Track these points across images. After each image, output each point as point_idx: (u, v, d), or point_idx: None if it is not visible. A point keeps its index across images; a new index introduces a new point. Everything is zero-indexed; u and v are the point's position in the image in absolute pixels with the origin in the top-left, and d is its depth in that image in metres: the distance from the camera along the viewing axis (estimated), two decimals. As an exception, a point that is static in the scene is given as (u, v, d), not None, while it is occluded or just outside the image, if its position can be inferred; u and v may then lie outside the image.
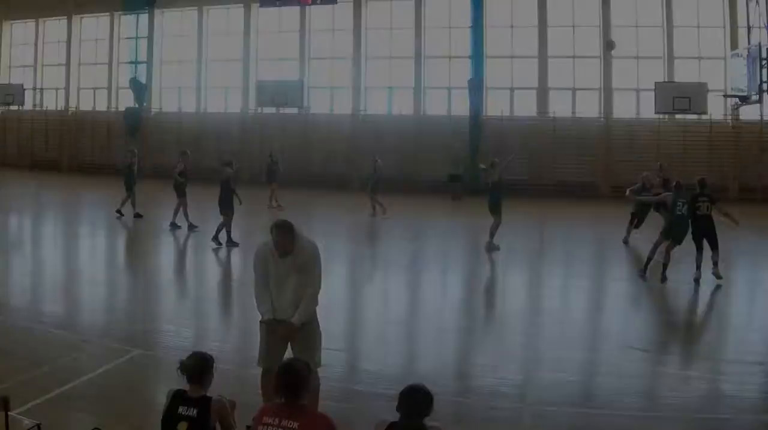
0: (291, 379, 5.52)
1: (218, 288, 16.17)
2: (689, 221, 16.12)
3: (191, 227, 22.13)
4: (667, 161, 25.18)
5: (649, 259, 16.48)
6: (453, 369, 10.49)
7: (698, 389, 9.71)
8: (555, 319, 13.50)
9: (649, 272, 16.31)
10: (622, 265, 19.33)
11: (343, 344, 11.14)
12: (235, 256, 19.02)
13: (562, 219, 27.18)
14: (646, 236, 18.71)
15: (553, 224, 26.11)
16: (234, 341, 8.68)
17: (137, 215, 24.41)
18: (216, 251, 19.17)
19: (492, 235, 19.64)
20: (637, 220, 21.16)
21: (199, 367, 5.98)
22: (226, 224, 19.65)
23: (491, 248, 19.54)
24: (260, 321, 7.79)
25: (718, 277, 16.00)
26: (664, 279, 15.89)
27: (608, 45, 33.63)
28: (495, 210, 19.81)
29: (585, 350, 11.53)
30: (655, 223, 19.44)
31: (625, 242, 21.03)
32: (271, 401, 6.32)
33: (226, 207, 19.78)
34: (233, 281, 16.77)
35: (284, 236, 7.45)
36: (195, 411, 5.79)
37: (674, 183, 17.17)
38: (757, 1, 28.37)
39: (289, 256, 7.52)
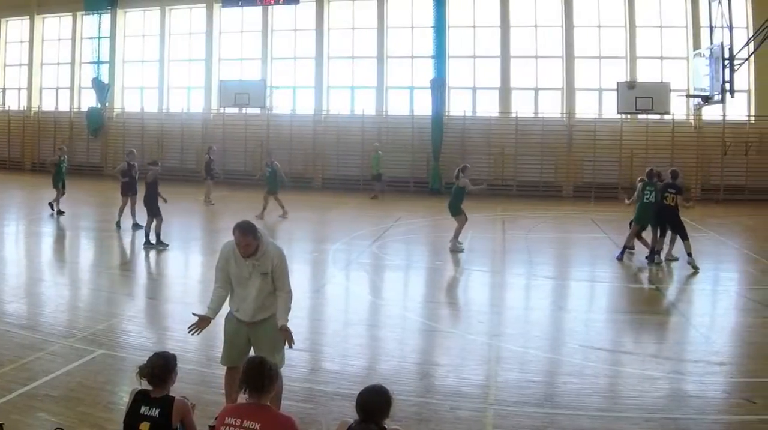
0: (258, 375, 5.43)
1: (179, 288, 15.51)
2: (655, 207, 17.39)
3: (135, 227, 21.22)
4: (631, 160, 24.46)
5: (626, 247, 17.97)
6: (415, 369, 10.14)
7: (660, 389, 9.41)
8: (517, 318, 13.19)
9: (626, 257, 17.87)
10: (585, 265, 18.98)
11: (305, 343, 10.72)
12: (196, 254, 18.71)
13: (525, 218, 26.26)
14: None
15: (515, 223, 25.09)
16: (196, 340, 8.18)
17: (59, 212, 23.58)
18: (161, 251, 18.39)
19: (456, 235, 19.09)
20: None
21: (161, 367, 5.88)
22: (158, 225, 18.75)
23: (456, 248, 18.95)
24: (225, 318, 7.70)
25: (694, 267, 16.70)
26: (620, 258, 17.75)
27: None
28: (456, 212, 19.33)
29: (547, 350, 11.13)
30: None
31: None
32: (233, 400, 6.50)
33: (155, 207, 18.84)
34: (196, 280, 15.89)
35: (245, 237, 7.25)
36: (157, 411, 5.71)
37: (648, 170, 18.32)
38: (719, 1, 27.69)
39: (251, 258, 7.35)
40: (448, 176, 33.98)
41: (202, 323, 7.48)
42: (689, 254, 16.79)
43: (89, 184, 33.42)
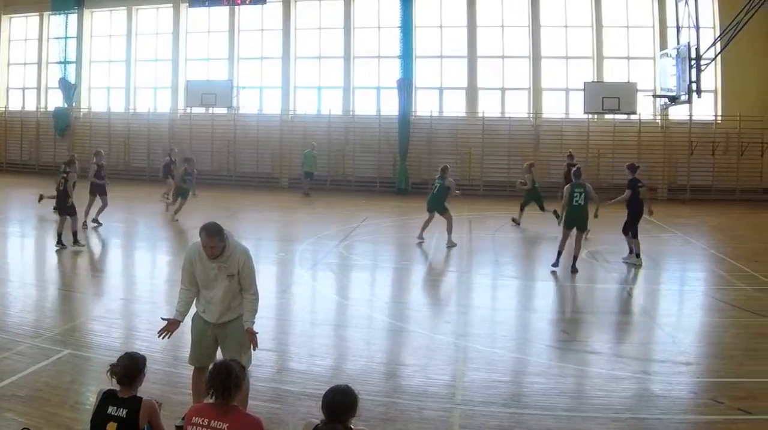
0: (225, 380, 5.30)
1: (146, 288, 15.05)
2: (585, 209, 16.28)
3: (95, 223, 21.04)
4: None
5: (560, 252, 16.42)
6: (382, 369, 9.96)
7: (627, 389, 9.26)
8: (484, 318, 12.95)
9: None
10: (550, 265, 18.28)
11: (272, 344, 10.51)
12: (162, 254, 18.55)
13: (492, 218, 25.51)
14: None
15: (482, 224, 24.39)
16: (162, 341, 7.62)
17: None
18: (136, 249, 18.47)
19: (450, 231, 19.32)
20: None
21: (130, 367, 5.78)
22: (73, 223, 17.96)
23: (452, 244, 19.11)
24: (192, 318, 7.59)
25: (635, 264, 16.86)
26: (555, 265, 16.25)
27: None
28: (443, 209, 19.58)
29: (514, 350, 10.97)
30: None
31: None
32: (200, 400, 6.39)
33: (69, 207, 17.89)
34: (163, 280, 15.56)
35: (211, 239, 7.06)
36: (124, 411, 5.61)
37: (575, 169, 17.04)
38: (686, 1, 27.25)
39: (218, 259, 7.18)
40: (414, 176, 33.31)
41: (170, 326, 7.38)
42: (630, 250, 17.19)
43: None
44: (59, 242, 17.65)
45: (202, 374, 6.88)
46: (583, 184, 16.45)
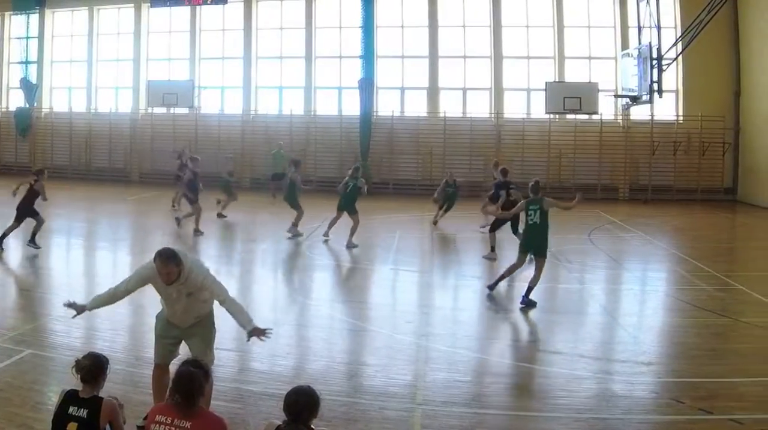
0: (188, 387, 5.18)
1: (107, 288, 13.81)
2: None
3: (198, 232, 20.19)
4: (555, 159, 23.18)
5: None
6: (344, 369, 9.82)
7: (589, 389, 9.12)
8: (446, 318, 12.67)
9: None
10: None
11: (234, 344, 10.14)
12: (124, 254, 18.28)
13: (454, 218, 24.33)
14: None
15: (444, 223, 23.37)
16: (124, 341, 8.09)
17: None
18: (98, 250, 18.12)
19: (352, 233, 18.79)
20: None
21: (93, 367, 5.67)
22: (39, 224, 16.98)
23: (351, 245, 18.55)
24: (157, 316, 7.46)
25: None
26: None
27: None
28: (352, 211, 19.08)
29: (475, 350, 10.76)
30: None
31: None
32: (160, 397, 6.43)
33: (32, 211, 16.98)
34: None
35: (166, 266, 6.78)
36: (85, 412, 5.51)
37: (532, 184, 13.76)
38: (647, 2, 26.67)
39: (174, 283, 6.85)
40: (376, 176, 32.14)
41: (77, 307, 7.18)
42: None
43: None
44: (32, 241, 16.86)
45: (163, 373, 6.99)
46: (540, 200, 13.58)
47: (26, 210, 16.83)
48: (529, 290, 13.02)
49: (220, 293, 7.08)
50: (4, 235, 16.85)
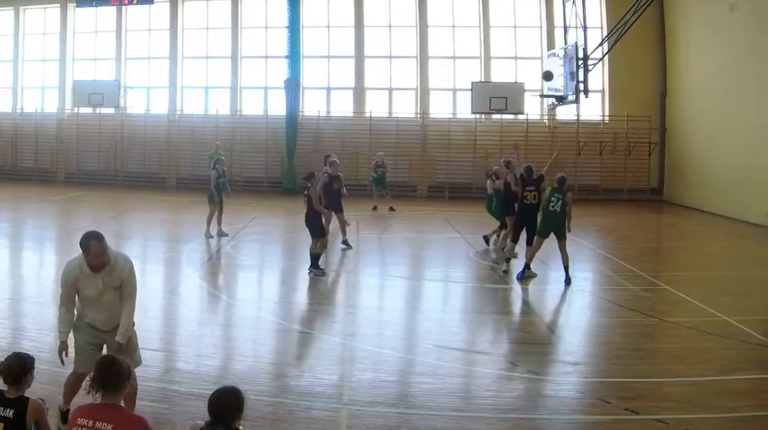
0: (109, 373, 4.88)
1: (33, 287, 14.17)
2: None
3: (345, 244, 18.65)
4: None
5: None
6: (270, 369, 9.38)
7: (515, 388, 8.88)
8: (371, 318, 12.31)
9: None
10: (439, 265, 17.67)
11: (159, 343, 9.92)
12: (50, 254, 17.77)
13: (380, 218, 24.24)
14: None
15: (369, 223, 22.81)
16: (50, 341, 7.71)
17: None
18: (24, 249, 17.80)
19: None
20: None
21: (17, 367, 5.37)
22: None
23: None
24: (75, 325, 7.00)
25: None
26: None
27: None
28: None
29: (401, 350, 10.34)
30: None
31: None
32: (70, 402, 6.62)
33: None
34: (51, 280, 14.07)
35: (101, 243, 6.50)
36: (11, 412, 5.23)
37: (560, 177, 14.86)
38: (573, 2, 25.46)
39: (102, 271, 6.56)
40: (302, 176, 30.94)
41: (63, 349, 6.81)
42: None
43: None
44: None
45: (82, 379, 6.25)
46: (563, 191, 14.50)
47: None
48: (566, 269, 14.16)
49: (133, 290, 6.83)
50: None
